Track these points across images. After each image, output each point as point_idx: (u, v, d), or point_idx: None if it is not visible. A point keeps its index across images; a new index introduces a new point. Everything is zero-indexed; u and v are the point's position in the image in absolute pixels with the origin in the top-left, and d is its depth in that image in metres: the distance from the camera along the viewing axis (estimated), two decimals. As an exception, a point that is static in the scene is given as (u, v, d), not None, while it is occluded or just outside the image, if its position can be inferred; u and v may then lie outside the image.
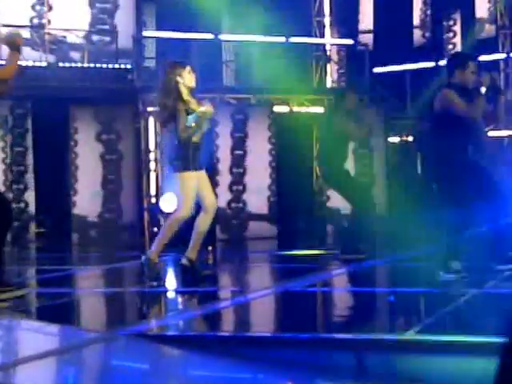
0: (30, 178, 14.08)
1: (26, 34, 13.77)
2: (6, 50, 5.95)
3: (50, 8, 14.19)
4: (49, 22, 14.12)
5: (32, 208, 14.04)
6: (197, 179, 6.95)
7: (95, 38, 14.52)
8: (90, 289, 7.48)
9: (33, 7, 14.14)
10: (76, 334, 4.72)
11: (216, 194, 7.84)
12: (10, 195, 13.51)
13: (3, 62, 5.89)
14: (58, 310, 5.90)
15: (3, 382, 3.46)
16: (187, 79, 6.98)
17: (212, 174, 12.57)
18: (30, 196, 14.05)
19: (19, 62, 5.96)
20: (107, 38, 14.45)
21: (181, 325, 5.07)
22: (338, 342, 4.19)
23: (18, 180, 14.06)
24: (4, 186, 13.42)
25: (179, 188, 7.03)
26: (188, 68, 7.03)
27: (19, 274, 8.66)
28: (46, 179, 13.93)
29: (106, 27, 14.52)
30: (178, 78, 6.95)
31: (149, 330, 4.70)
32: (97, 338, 4.52)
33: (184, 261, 6.99)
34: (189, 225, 7.05)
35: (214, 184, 13.50)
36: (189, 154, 6.91)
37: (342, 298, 6.54)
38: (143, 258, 6.97)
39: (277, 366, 3.97)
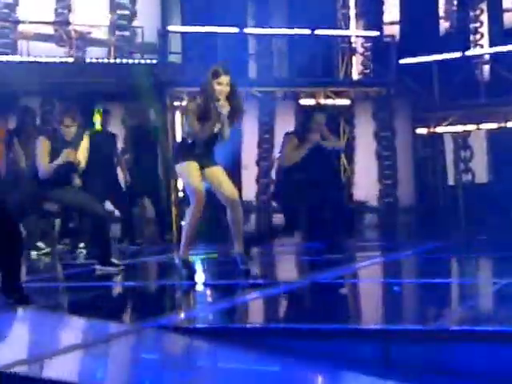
0: None
1: (50, 30, 13.88)
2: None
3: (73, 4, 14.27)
4: (73, 17, 14.19)
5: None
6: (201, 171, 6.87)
7: (119, 32, 14.58)
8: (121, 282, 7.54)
9: (57, 3, 14.20)
10: (104, 326, 4.73)
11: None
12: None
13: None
14: (85, 303, 5.93)
15: (35, 374, 3.49)
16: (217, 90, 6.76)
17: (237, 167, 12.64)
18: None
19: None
20: (132, 33, 14.49)
21: (209, 317, 5.08)
22: (366, 333, 4.17)
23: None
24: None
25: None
26: (219, 78, 6.76)
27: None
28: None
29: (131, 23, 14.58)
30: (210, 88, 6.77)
31: (177, 323, 4.71)
32: (125, 330, 4.53)
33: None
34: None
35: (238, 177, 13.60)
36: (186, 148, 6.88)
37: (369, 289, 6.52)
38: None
39: (305, 357, 3.96)
